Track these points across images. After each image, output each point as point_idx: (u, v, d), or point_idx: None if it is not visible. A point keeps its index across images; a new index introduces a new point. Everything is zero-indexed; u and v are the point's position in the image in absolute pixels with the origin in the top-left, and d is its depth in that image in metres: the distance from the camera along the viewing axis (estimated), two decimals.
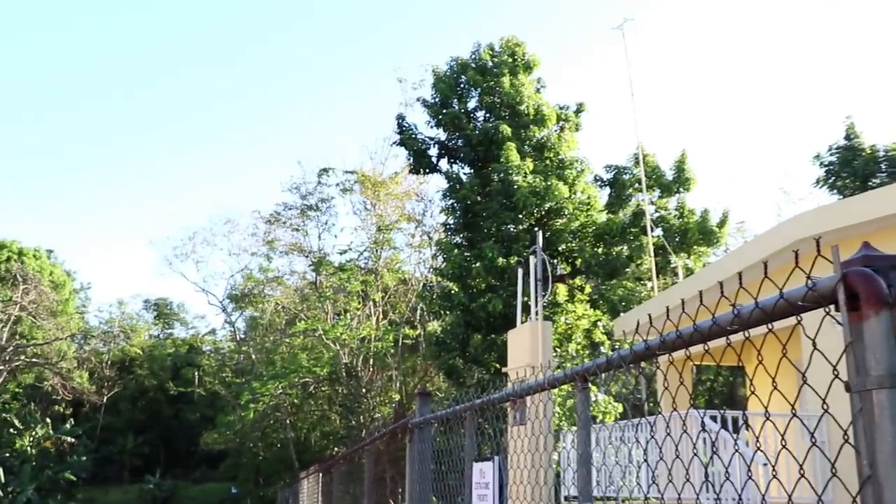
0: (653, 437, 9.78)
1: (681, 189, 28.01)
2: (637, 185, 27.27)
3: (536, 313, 13.14)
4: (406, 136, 26.53)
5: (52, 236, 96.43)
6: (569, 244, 24.44)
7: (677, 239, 26.95)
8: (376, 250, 37.52)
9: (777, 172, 75.08)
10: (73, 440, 40.70)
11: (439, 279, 26.70)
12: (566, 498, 14.12)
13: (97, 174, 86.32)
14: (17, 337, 44.55)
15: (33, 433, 38.70)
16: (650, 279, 25.17)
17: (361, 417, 33.80)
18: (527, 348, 10.53)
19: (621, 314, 21.81)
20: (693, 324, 2.55)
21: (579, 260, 24.35)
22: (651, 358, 2.87)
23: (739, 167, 77.17)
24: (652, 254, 24.27)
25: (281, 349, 39.07)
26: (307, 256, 41.18)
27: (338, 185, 39.35)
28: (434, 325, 33.41)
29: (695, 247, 27.10)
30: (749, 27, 79.18)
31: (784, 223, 12.03)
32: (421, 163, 26.59)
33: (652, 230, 25.13)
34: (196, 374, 53.41)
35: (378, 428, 27.55)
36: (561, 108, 26.37)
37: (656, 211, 27.67)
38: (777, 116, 79.13)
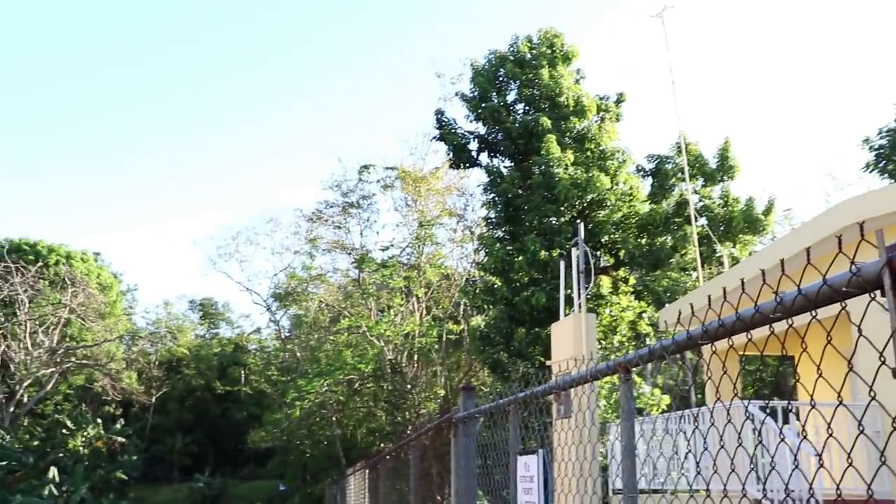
0: (696, 428, 9.69)
1: (725, 177, 27.68)
2: (680, 174, 27.02)
3: (579, 306, 13.08)
4: (445, 131, 26.50)
5: (99, 239, 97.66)
6: (612, 235, 24.29)
7: (722, 228, 26.65)
8: (418, 246, 37.51)
9: (825, 158, 73.89)
10: (123, 440, 41.26)
11: (482, 273, 26.64)
12: (615, 491, 14.05)
13: (141, 176, 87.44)
14: (67, 339, 45.22)
15: (85, 433, 39.28)
16: (695, 269, 24.94)
17: (407, 413, 33.88)
18: (570, 341, 10.50)
19: (666, 305, 21.63)
20: (735, 312, 2.52)
21: (623, 251, 24.17)
22: (693, 347, 2.84)
23: (786, 153, 76.19)
24: (696, 244, 24.04)
25: (325, 346, 39.24)
26: (349, 254, 41.30)
27: (378, 181, 39.40)
28: (478, 320, 33.38)
29: (740, 235, 26.76)
30: (793, 9, 78.14)
31: (830, 210, 11.86)
32: (461, 157, 26.55)
33: (696, 220, 24.89)
34: (242, 372, 53.90)
35: (423, 423, 27.61)
36: (601, 99, 26.18)
37: (700, 200, 27.39)
38: (825, 100, 77.99)
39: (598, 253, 23.46)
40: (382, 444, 34.17)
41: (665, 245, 25.00)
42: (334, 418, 39.20)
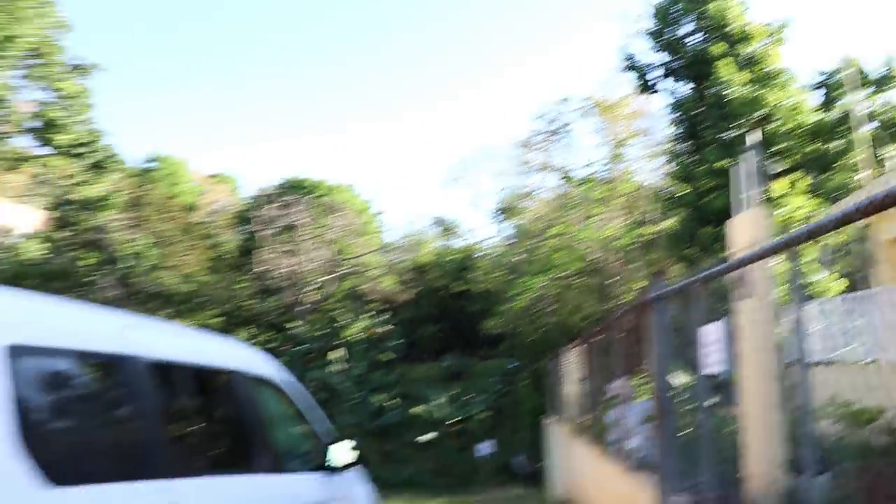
0: (857, 309, 9.24)
1: (888, 86, 25.47)
2: (845, 87, 25.04)
3: (753, 204, 12.67)
4: (630, 63, 26.00)
5: (351, 172, 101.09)
6: (783, 145, 23.10)
7: (888, 132, 24.59)
8: (613, 163, 36.94)
9: None
10: (388, 328, 43.44)
11: (670, 182, 26.16)
12: (789, 364, 13.62)
13: (386, 116, 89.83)
14: (337, 253, 48.03)
15: (357, 325, 41.93)
16: (862, 170, 23.23)
17: (612, 302, 33.83)
18: (745, 232, 10.16)
19: (837, 202, 20.36)
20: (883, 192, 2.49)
21: (794, 156, 22.97)
22: (848, 223, 2.81)
23: None
24: (865, 146, 22.34)
25: (540, 251, 39.52)
26: (557, 172, 41.21)
27: (576, 110, 38.90)
28: (668, 223, 32.65)
29: None
30: None
31: None
32: (645, 85, 26.00)
33: (861, 125, 23.09)
34: (473, 275, 55.10)
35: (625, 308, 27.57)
36: (766, 25, 24.64)
37: (867, 107, 25.28)
38: None
39: (771, 160, 22.43)
40: (593, 328, 34.27)
41: (832, 151, 23.48)
42: (550, 308, 39.62)
